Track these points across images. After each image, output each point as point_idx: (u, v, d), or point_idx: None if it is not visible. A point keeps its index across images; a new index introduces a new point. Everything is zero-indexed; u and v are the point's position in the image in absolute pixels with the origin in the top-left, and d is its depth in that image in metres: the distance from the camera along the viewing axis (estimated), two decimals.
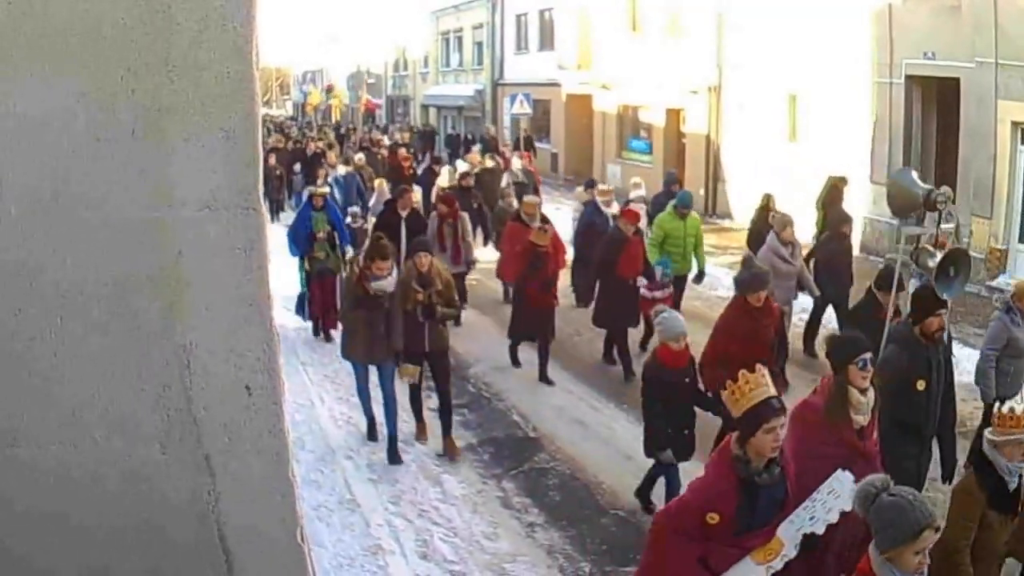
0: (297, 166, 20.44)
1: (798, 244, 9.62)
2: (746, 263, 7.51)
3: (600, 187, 12.15)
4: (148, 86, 1.69)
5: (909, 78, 14.29)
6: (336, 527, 6.41)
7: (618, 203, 11.85)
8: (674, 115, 21.16)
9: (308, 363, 9.93)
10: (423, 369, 7.68)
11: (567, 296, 10.78)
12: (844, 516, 3.76)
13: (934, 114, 14.61)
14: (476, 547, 6.23)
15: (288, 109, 57.23)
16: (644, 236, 10.10)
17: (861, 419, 4.47)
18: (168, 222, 1.74)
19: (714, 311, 11.38)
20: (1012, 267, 12.55)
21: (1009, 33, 12.02)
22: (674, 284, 10.21)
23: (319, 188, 10.98)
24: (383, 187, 14.09)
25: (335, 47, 44.49)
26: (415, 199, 11.84)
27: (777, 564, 3.80)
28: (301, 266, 10.48)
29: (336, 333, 10.16)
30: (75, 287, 1.73)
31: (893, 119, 14.68)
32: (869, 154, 15.13)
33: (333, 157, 18.44)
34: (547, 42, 27.00)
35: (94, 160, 1.70)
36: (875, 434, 4.63)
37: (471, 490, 7.08)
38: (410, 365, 7.53)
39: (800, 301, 10.02)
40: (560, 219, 11.24)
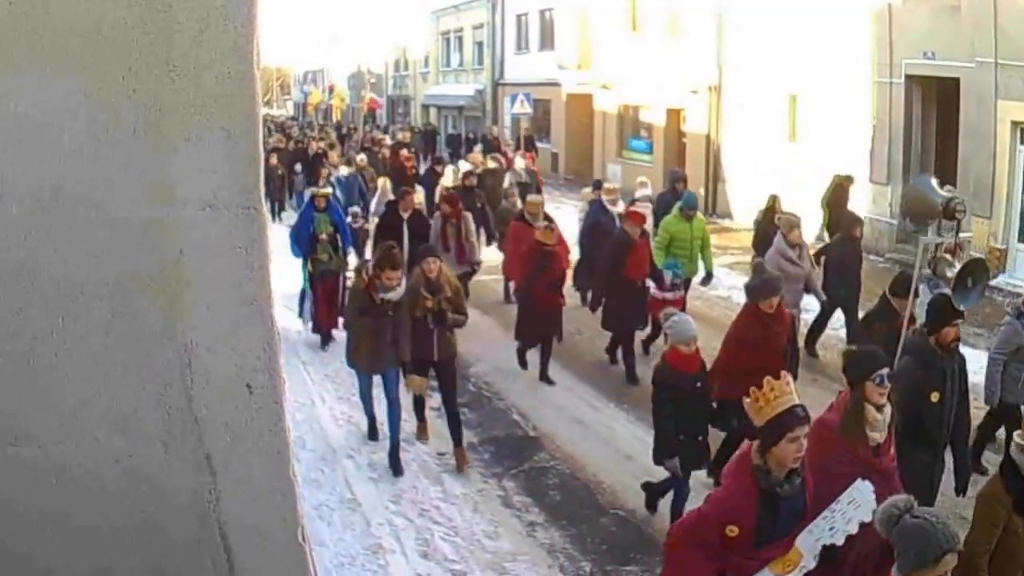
0: (298, 166, 20.42)
1: (805, 246, 9.53)
2: (757, 269, 7.36)
3: (606, 186, 12.00)
4: (149, 86, 1.70)
5: (909, 78, 14.29)
6: (337, 526, 6.42)
7: (623, 202, 11.72)
8: (674, 115, 21.16)
9: (309, 362, 9.93)
10: (428, 378, 7.54)
11: (571, 296, 10.68)
12: (862, 527, 3.68)
13: (934, 114, 14.61)
14: (477, 546, 6.24)
15: (289, 109, 57.23)
16: (650, 237, 9.99)
17: (877, 436, 4.38)
18: (169, 222, 1.74)
19: (714, 311, 11.43)
20: (1012, 266, 12.56)
21: (1009, 33, 12.02)
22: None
23: (321, 189, 10.87)
24: (386, 186, 14.03)
25: (336, 47, 44.49)
26: (417, 200, 11.68)
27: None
28: (304, 267, 10.36)
29: (336, 332, 10.17)
30: (76, 287, 1.73)
31: (893, 119, 14.68)
32: (869, 154, 15.13)
33: (335, 157, 18.37)
34: (547, 42, 27.00)
35: (95, 160, 1.70)
36: (892, 449, 4.53)
37: (472, 489, 7.08)
38: (416, 376, 7.38)
39: (805, 301, 9.92)
40: (560, 219, 11.16)
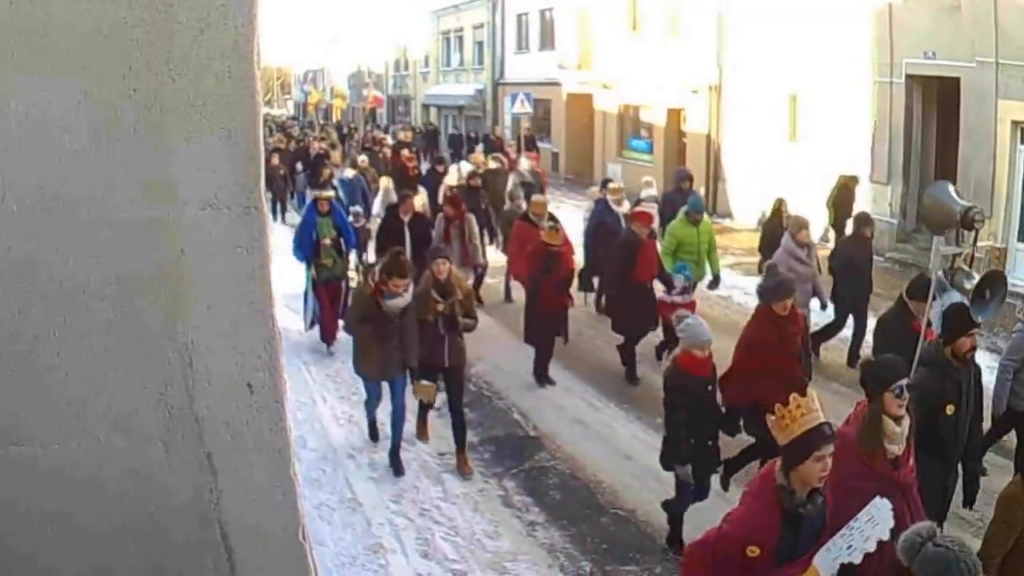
0: (299, 165, 20.38)
1: (814, 246, 9.44)
2: (770, 271, 7.23)
3: (611, 185, 11.84)
4: (149, 85, 1.70)
5: (909, 78, 14.29)
6: (338, 526, 6.42)
7: (628, 202, 11.63)
8: (675, 115, 21.16)
9: (310, 362, 9.94)
10: (438, 386, 7.37)
11: (576, 297, 10.53)
12: (880, 545, 3.58)
13: (934, 114, 14.61)
14: (477, 546, 6.25)
15: (289, 108, 57.27)
16: (657, 237, 9.86)
17: (896, 448, 4.29)
18: (170, 221, 1.74)
19: (714, 310, 11.42)
20: (1012, 266, 12.55)
21: (1009, 33, 12.02)
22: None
23: (324, 192, 10.62)
24: (388, 186, 13.96)
25: (336, 47, 44.52)
26: (417, 203, 11.45)
27: None
28: (308, 272, 10.17)
29: (340, 335, 10.05)
30: (77, 286, 1.73)
31: (893, 119, 14.68)
32: (869, 153, 15.13)
33: (338, 157, 18.24)
34: (548, 42, 27.00)
35: (95, 160, 1.70)
36: (911, 461, 4.44)
37: (472, 489, 7.08)
38: (425, 382, 7.17)
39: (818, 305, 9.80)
40: (561, 218, 11.10)
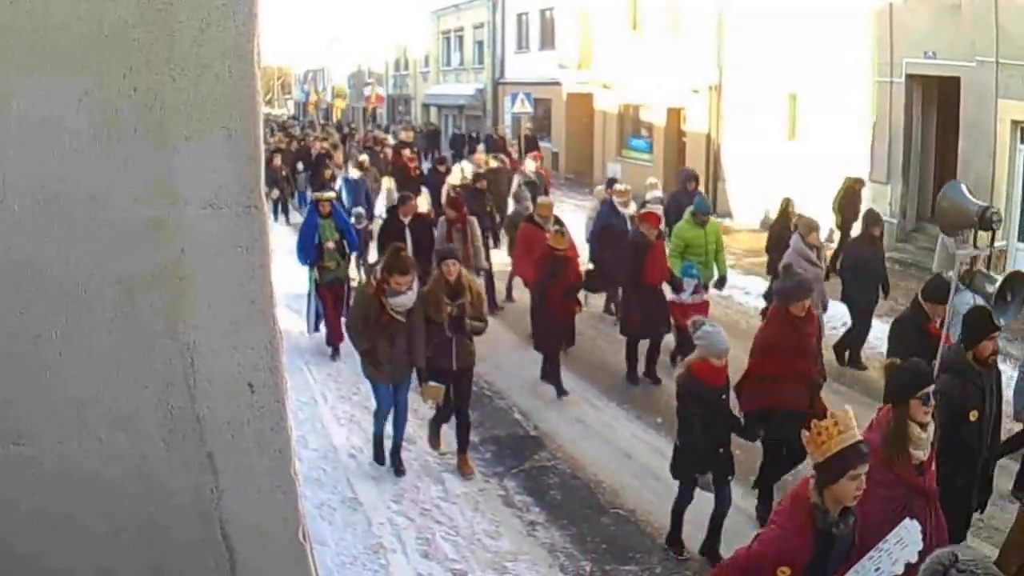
0: (300, 165, 20.34)
1: (823, 248, 9.33)
2: (787, 272, 7.07)
3: (617, 187, 11.66)
4: (150, 85, 1.70)
5: (910, 77, 14.28)
6: (338, 525, 6.42)
7: (635, 204, 11.49)
8: (675, 114, 21.15)
9: (311, 361, 9.93)
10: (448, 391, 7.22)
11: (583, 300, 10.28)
12: (907, 568, 3.52)
13: (934, 113, 14.60)
14: (478, 545, 6.24)
15: (290, 108, 57.26)
16: (665, 238, 9.75)
17: (921, 455, 4.23)
18: (170, 221, 1.74)
19: (715, 310, 11.37)
20: (1012, 266, 12.53)
21: (1009, 32, 12.02)
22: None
23: (325, 194, 10.39)
24: (390, 187, 13.88)
25: (336, 46, 44.52)
26: (421, 204, 11.27)
27: None
28: (311, 276, 9.98)
29: (344, 341, 9.81)
30: (78, 286, 1.73)
31: (893, 118, 14.67)
32: (869, 153, 15.13)
33: (340, 157, 18.10)
34: (548, 41, 26.98)
35: (96, 159, 1.70)
36: (932, 467, 4.39)
37: (473, 488, 7.08)
38: (433, 384, 7.01)
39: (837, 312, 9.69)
40: (564, 218, 11.03)
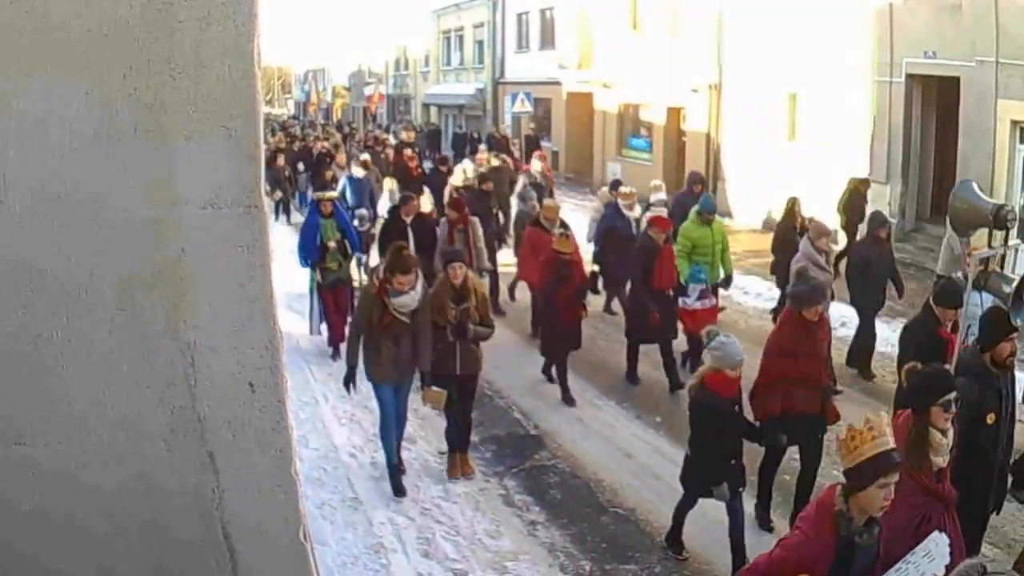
0: (301, 165, 20.31)
1: (832, 253, 9.23)
2: (801, 276, 6.97)
3: (622, 189, 11.43)
4: (150, 84, 1.70)
5: (909, 77, 14.28)
6: (339, 525, 6.41)
7: (639, 206, 11.39)
8: (674, 113, 21.15)
9: (311, 361, 9.92)
10: (451, 394, 6.96)
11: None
12: None
13: (934, 113, 14.61)
14: (478, 545, 6.24)
15: (290, 108, 57.28)
16: (672, 242, 9.52)
17: (941, 461, 4.19)
18: (171, 220, 1.75)
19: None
20: (1013, 264, 12.54)
21: (1009, 32, 12.02)
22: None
23: (326, 193, 10.22)
24: (393, 187, 13.80)
25: (336, 46, 44.55)
26: (420, 204, 11.03)
27: None
28: (312, 278, 9.81)
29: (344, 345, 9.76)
30: (79, 285, 1.73)
31: (893, 118, 14.67)
32: (869, 153, 15.13)
33: (343, 157, 17.99)
34: (548, 41, 26.98)
35: (96, 159, 1.70)
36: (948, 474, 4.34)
37: (473, 488, 7.08)
38: (435, 389, 6.77)
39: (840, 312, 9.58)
40: (567, 219, 10.92)
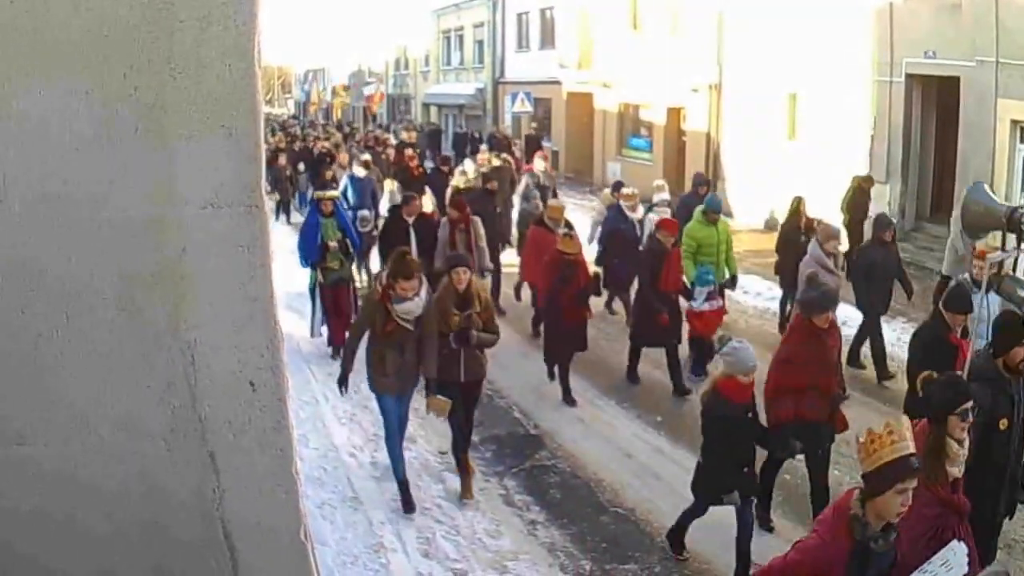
0: (301, 165, 20.29)
1: (840, 255, 9.15)
2: (811, 281, 6.88)
3: (624, 191, 11.30)
4: (150, 84, 1.70)
5: (909, 76, 14.28)
6: (339, 524, 6.41)
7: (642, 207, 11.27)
8: (674, 113, 21.16)
9: (312, 360, 9.91)
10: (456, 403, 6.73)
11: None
12: None
13: (934, 112, 14.61)
14: (478, 545, 6.24)
15: (290, 108, 57.28)
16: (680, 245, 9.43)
17: (956, 471, 4.13)
18: (171, 220, 1.74)
19: None
20: (1012, 267, 12.54)
21: (1010, 32, 12.02)
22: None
23: (327, 192, 10.07)
24: (393, 188, 13.76)
25: (336, 46, 44.55)
26: (422, 204, 10.89)
27: None
28: (313, 278, 9.69)
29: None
30: (80, 285, 1.73)
31: (893, 117, 14.68)
32: (869, 152, 15.13)
33: (344, 157, 17.86)
34: (548, 40, 26.98)
35: (97, 158, 1.70)
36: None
37: (473, 488, 7.07)
38: (441, 397, 6.52)
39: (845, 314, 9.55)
40: (570, 220, 10.85)
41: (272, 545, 1.91)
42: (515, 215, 13.69)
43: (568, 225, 10.01)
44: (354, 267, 10.48)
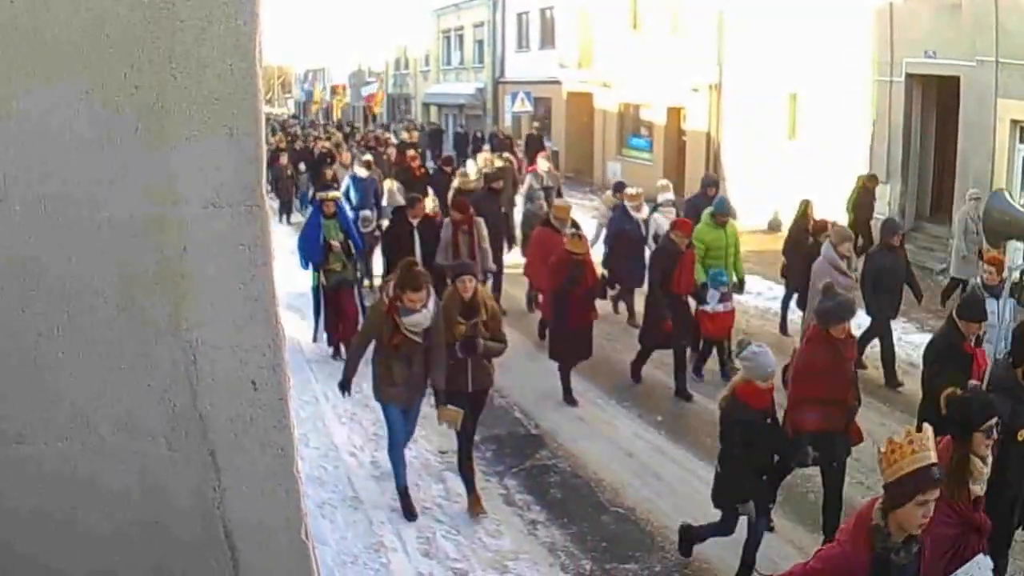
0: (302, 165, 20.28)
1: (854, 258, 9.05)
2: (827, 291, 6.74)
3: (629, 191, 11.25)
4: (151, 84, 1.70)
5: (909, 76, 14.29)
6: (339, 524, 6.41)
7: (647, 207, 11.29)
8: (675, 113, 21.16)
9: (312, 359, 9.91)
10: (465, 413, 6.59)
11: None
12: None
13: (934, 112, 14.62)
14: (479, 544, 6.24)
15: (290, 107, 57.27)
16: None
17: (978, 489, 4.06)
18: (172, 219, 1.74)
19: None
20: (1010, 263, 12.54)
21: (1009, 32, 12.03)
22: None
23: (330, 193, 9.99)
24: (392, 188, 13.75)
25: (336, 45, 44.55)
26: (428, 205, 10.79)
27: None
28: (315, 279, 9.62)
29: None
30: (80, 284, 1.73)
31: (893, 117, 14.69)
32: (869, 152, 15.14)
33: (347, 156, 17.78)
34: (548, 40, 26.99)
35: (98, 158, 1.70)
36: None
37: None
38: (452, 408, 6.39)
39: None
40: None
41: (273, 544, 1.91)
42: (518, 216, 13.61)
43: (575, 225, 9.93)
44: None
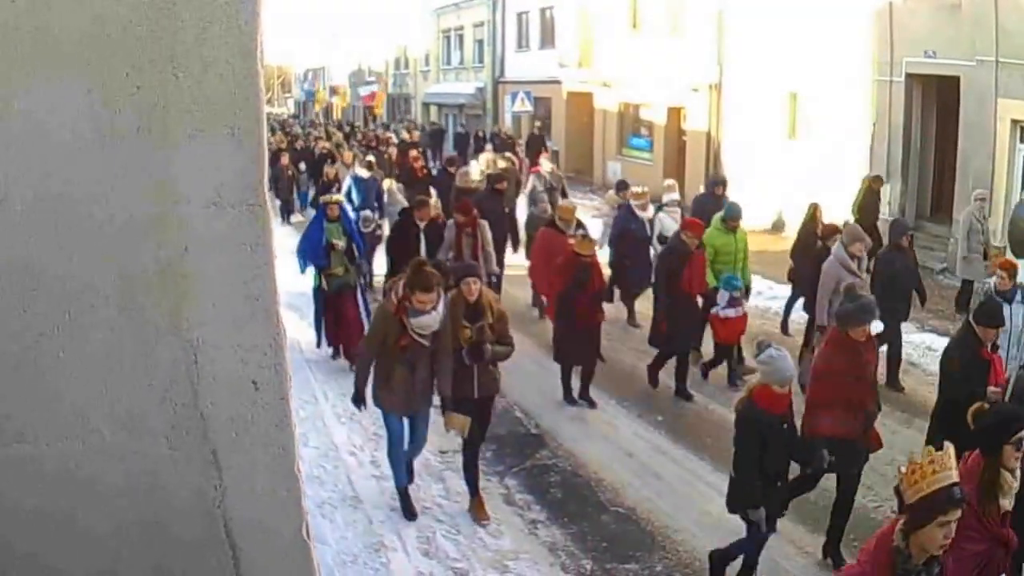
0: (302, 165, 20.26)
1: (865, 259, 8.95)
2: (848, 292, 6.63)
3: (634, 190, 11.14)
4: (153, 84, 1.70)
5: (909, 76, 14.29)
6: (339, 524, 6.41)
7: (652, 207, 11.18)
8: (675, 113, 21.17)
9: (312, 359, 9.91)
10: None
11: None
12: None
13: (934, 112, 14.62)
14: (479, 544, 6.24)
15: (290, 107, 57.25)
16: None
17: (1007, 503, 4.02)
18: (173, 219, 1.75)
19: None
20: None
21: (1009, 31, 12.02)
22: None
23: (334, 196, 9.85)
24: (392, 188, 13.69)
25: (336, 45, 44.54)
26: (433, 204, 10.74)
27: None
28: (317, 282, 9.52)
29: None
30: (81, 284, 1.73)
31: (893, 117, 14.69)
32: (869, 152, 15.14)
33: (349, 156, 17.70)
34: (548, 40, 26.99)
35: (99, 158, 1.71)
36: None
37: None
38: (459, 415, 6.20)
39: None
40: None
41: (274, 543, 1.92)
42: (520, 216, 13.51)
43: (580, 226, 9.83)
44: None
